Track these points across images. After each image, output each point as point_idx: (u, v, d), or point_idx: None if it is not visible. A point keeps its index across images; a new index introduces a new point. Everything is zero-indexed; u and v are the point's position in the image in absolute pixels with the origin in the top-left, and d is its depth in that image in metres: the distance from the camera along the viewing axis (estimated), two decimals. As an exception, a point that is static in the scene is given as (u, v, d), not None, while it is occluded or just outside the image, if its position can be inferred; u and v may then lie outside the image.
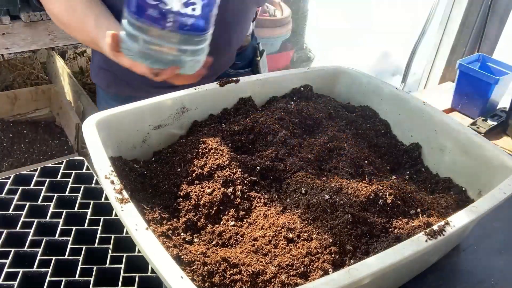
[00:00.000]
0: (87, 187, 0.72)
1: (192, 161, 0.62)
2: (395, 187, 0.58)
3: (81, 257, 0.60)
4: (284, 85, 0.80)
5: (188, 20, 0.52)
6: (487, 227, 0.71)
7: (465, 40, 1.51)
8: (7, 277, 0.57)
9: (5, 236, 0.63)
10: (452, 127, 0.69)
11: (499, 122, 1.17)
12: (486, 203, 0.53)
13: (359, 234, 0.52)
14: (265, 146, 0.68)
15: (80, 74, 2.13)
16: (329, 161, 0.68)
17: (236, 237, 0.54)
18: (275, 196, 0.59)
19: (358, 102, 0.82)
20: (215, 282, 0.46)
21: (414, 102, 0.74)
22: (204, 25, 0.54)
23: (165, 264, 0.42)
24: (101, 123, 0.60)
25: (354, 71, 0.82)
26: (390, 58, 2.77)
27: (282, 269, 0.48)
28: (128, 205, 0.48)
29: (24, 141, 1.64)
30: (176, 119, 0.69)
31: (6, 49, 1.40)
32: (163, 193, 0.59)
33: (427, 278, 0.62)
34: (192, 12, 0.52)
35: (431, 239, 0.48)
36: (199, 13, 0.53)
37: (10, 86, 1.86)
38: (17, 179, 0.73)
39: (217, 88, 0.72)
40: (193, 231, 0.55)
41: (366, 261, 0.45)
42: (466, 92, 1.24)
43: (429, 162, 0.72)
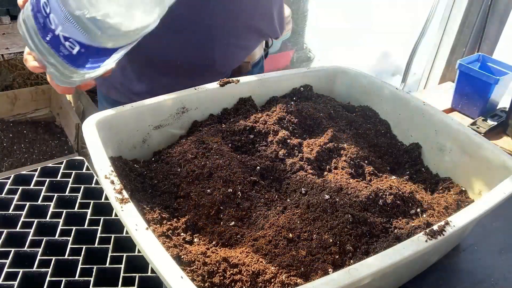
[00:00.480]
0: (87, 187, 0.72)
1: (192, 161, 0.62)
2: (395, 187, 0.58)
3: (81, 257, 0.60)
4: (284, 85, 0.80)
5: (63, 49, 0.51)
6: (487, 227, 0.71)
7: (465, 40, 1.51)
8: (7, 277, 0.57)
9: (5, 236, 0.63)
10: (452, 127, 0.69)
11: (499, 122, 1.17)
12: (486, 203, 0.53)
13: (359, 234, 0.52)
14: (265, 146, 0.68)
15: (80, 74, 2.12)
16: (329, 161, 0.68)
17: (236, 237, 0.54)
18: (275, 196, 0.59)
19: (358, 102, 0.82)
20: (215, 282, 0.46)
21: (414, 102, 0.74)
22: (75, 64, 0.53)
23: (165, 264, 0.42)
24: (101, 123, 0.60)
25: (354, 71, 0.82)
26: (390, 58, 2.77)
27: (282, 269, 0.48)
28: (128, 205, 0.48)
29: (24, 141, 1.64)
30: (176, 119, 0.69)
31: (6, 49, 1.40)
32: (163, 193, 0.59)
33: (427, 278, 0.62)
34: (67, 47, 0.51)
35: (431, 239, 0.48)
36: (74, 52, 0.51)
37: (10, 86, 1.86)
38: (17, 179, 0.73)
39: (217, 88, 0.72)
40: (193, 231, 0.55)
41: (366, 261, 0.45)
42: (466, 92, 1.24)
43: (429, 162, 0.72)
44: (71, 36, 0.51)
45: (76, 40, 0.51)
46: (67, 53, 0.53)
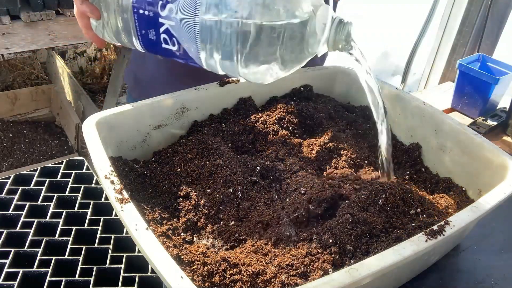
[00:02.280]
0: (87, 187, 0.72)
1: (192, 161, 0.62)
2: (395, 187, 0.58)
3: (81, 257, 0.60)
4: (284, 85, 0.80)
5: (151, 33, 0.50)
6: (487, 227, 0.71)
7: (465, 40, 1.51)
8: (7, 277, 0.57)
9: (5, 236, 0.63)
10: (452, 127, 0.69)
11: (499, 122, 1.17)
12: (486, 203, 0.53)
13: (359, 234, 0.52)
14: (265, 146, 0.68)
15: (80, 74, 2.13)
16: (329, 161, 0.68)
17: (235, 236, 0.54)
18: (275, 196, 0.59)
19: (358, 102, 0.82)
20: (215, 282, 0.46)
21: (414, 102, 0.74)
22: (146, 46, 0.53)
23: (165, 264, 0.42)
24: (101, 123, 0.60)
25: (354, 71, 0.82)
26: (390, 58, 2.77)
27: (282, 269, 0.48)
28: (128, 205, 0.48)
29: (24, 141, 1.64)
30: (176, 119, 0.69)
31: (6, 49, 1.40)
32: (163, 193, 0.59)
33: (427, 278, 0.62)
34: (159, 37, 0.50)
35: (431, 239, 0.48)
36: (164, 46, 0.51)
37: (10, 86, 1.86)
38: (17, 179, 0.73)
39: (217, 88, 0.72)
40: (193, 231, 0.55)
41: (366, 261, 0.45)
42: (466, 92, 1.24)
43: (429, 162, 0.72)
44: (178, 37, 0.48)
45: (180, 43, 0.48)
46: (150, 38, 0.51)
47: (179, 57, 0.52)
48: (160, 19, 0.49)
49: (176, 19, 0.48)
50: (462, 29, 1.50)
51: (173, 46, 0.50)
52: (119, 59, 1.79)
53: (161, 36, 0.50)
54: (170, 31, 0.49)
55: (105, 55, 2.09)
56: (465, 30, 1.49)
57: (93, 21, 0.57)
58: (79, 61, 2.13)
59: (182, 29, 0.48)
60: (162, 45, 0.51)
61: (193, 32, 0.47)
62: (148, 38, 0.51)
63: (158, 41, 0.51)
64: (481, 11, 1.44)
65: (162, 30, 0.49)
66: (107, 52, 2.08)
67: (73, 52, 2.07)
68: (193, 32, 0.47)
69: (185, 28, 0.47)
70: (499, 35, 1.45)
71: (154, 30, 0.50)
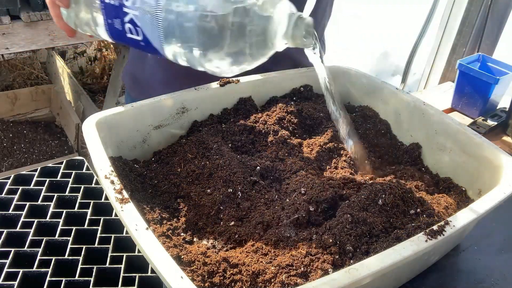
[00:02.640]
0: (87, 187, 0.72)
1: (192, 161, 0.62)
2: (395, 187, 0.58)
3: (81, 257, 0.60)
4: (284, 85, 0.80)
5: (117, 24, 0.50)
6: (487, 227, 0.71)
7: (465, 40, 1.51)
8: (7, 277, 0.57)
9: (5, 236, 0.63)
10: (452, 127, 0.69)
11: (499, 122, 1.17)
12: (486, 203, 0.53)
13: (359, 234, 0.52)
14: (265, 146, 0.68)
15: (80, 74, 2.13)
16: (329, 161, 0.68)
17: (235, 237, 0.54)
18: (275, 196, 0.59)
19: (358, 102, 0.82)
20: (215, 282, 0.46)
21: (414, 102, 0.74)
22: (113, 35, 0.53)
23: (165, 264, 0.42)
24: (101, 123, 0.60)
25: (354, 71, 0.82)
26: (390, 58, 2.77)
27: (282, 269, 0.48)
28: (128, 205, 0.48)
29: (24, 141, 1.64)
30: (176, 119, 0.69)
31: (6, 49, 1.40)
32: (163, 193, 0.59)
33: (427, 278, 0.62)
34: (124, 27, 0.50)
35: (431, 239, 0.48)
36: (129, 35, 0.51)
37: (10, 86, 1.86)
38: (17, 179, 0.73)
39: (217, 88, 0.72)
40: (193, 231, 0.55)
41: (366, 261, 0.45)
42: (466, 92, 1.24)
43: (429, 162, 0.72)
44: (142, 27, 0.49)
45: (144, 34, 0.49)
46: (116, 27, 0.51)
47: (143, 47, 0.52)
48: (124, 8, 0.49)
49: (140, 9, 0.48)
50: (462, 29, 1.50)
51: (137, 36, 0.50)
52: (119, 59, 1.79)
53: (126, 26, 0.50)
54: (134, 21, 0.49)
55: (105, 55, 2.09)
56: (465, 30, 1.49)
57: (64, 11, 0.57)
58: (79, 61, 2.13)
59: (146, 20, 0.48)
60: (127, 35, 0.51)
61: (156, 23, 0.47)
62: (114, 28, 0.51)
63: (123, 31, 0.51)
64: (481, 11, 1.44)
65: (126, 20, 0.49)
66: (107, 52, 2.08)
67: (73, 52, 2.07)
68: (156, 23, 0.47)
69: (148, 18, 0.48)
70: (499, 35, 1.45)
71: (119, 19, 0.50)
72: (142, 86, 0.87)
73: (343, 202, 0.57)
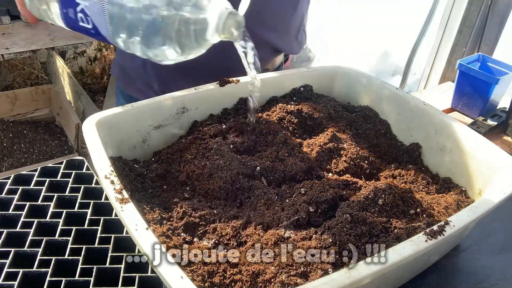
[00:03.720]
0: (87, 187, 0.72)
1: (192, 161, 0.62)
2: (395, 187, 0.58)
3: (81, 257, 0.60)
4: (284, 85, 0.80)
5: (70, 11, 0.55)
6: (487, 227, 0.71)
7: (465, 40, 1.50)
8: (7, 277, 0.57)
9: (5, 236, 0.63)
10: (452, 127, 0.69)
11: (499, 122, 1.17)
12: (486, 203, 0.53)
13: (359, 234, 0.52)
14: (265, 147, 0.68)
15: (80, 74, 2.13)
16: (329, 161, 0.68)
17: (236, 237, 0.54)
18: (275, 197, 0.59)
19: (358, 102, 0.82)
20: (215, 282, 0.46)
21: (414, 102, 0.74)
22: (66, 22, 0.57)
23: (165, 264, 0.42)
24: (101, 123, 0.60)
25: (354, 71, 0.82)
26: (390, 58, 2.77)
27: (282, 269, 0.48)
28: (128, 205, 0.48)
29: (24, 141, 1.64)
30: (176, 119, 0.69)
31: (6, 49, 1.40)
32: (163, 193, 0.59)
33: (427, 278, 0.62)
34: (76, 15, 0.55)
35: (431, 239, 0.48)
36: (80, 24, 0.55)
37: (10, 86, 1.86)
38: (17, 179, 0.73)
39: (217, 88, 0.72)
40: (193, 231, 0.55)
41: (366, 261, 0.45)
42: (466, 92, 1.24)
43: (429, 162, 0.72)
44: (91, 17, 0.53)
45: (93, 23, 0.54)
46: (70, 16, 0.55)
47: (94, 35, 0.56)
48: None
49: (89, 0, 0.53)
50: (462, 29, 1.50)
51: (87, 24, 0.55)
52: (119, 59, 1.79)
53: (78, 15, 0.55)
54: (85, 11, 0.54)
55: (105, 55, 2.09)
56: (465, 30, 1.49)
57: None
58: (79, 61, 2.13)
59: (94, 10, 0.53)
60: (79, 23, 0.56)
61: (102, 14, 0.52)
62: (69, 16, 0.56)
63: (76, 20, 0.56)
64: (481, 11, 1.44)
65: (78, 10, 0.54)
66: (107, 52, 2.08)
67: (73, 52, 2.07)
68: (103, 13, 0.52)
69: (96, 9, 0.53)
70: (499, 35, 1.44)
71: (72, 9, 0.55)
72: (130, 76, 0.87)
73: (343, 202, 0.57)
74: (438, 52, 1.60)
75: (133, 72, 0.86)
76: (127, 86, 0.89)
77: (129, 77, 0.88)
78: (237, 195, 0.59)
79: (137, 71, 0.85)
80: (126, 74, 0.88)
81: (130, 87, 0.88)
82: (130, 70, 0.86)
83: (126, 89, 0.90)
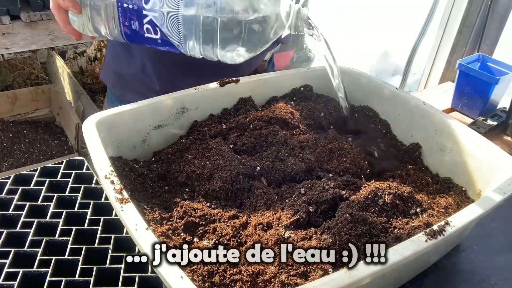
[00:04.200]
0: (87, 187, 0.72)
1: (192, 161, 0.62)
2: (394, 186, 0.58)
3: (81, 257, 0.60)
4: (284, 85, 0.80)
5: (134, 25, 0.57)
6: (487, 227, 0.71)
7: (465, 40, 1.50)
8: (7, 277, 0.57)
9: (5, 236, 0.63)
10: (452, 127, 0.69)
11: (499, 122, 1.17)
12: (486, 203, 0.53)
13: (359, 234, 0.52)
14: (265, 147, 0.68)
15: (80, 74, 2.13)
16: (329, 161, 0.68)
17: (236, 237, 0.54)
18: (275, 197, 0.59)
19: (358, 102, 0.82)
20: (215, 282, 0.46)
21: (414, 102, 0.74)
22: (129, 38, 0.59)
23: (165, 264, 0.42)
24: (101, 123, 0.60)
25: (354, 71, 0.82)
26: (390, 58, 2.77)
27: (282, 269, 0.48)
28: (128, 205, 0.48)
29: (24, 141, 1.64)
30: (176, 119, 0.69)
31: (6, 49, 1.40)
32: (163, 193, 0.59)
33: (427, 278, 0.62)
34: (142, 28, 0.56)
35: (431, 239, 0.48)
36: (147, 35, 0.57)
37: (10, 86, 1.86)
38: (17, 179, 0.73)
39: (217, 88, 0.72)
40: (193, 231, 0.55)
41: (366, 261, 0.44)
42: (466, 92, 1.24)
43: (429, 162, 0.72)
44: (161, 27, 0.55)
45: (163, 33, 0.55)
46: (133, 29, 0.57)
47: (160, 44, 0.58)
48: (144, 11, 0.55)
49: (160, 11, 0.54)
50: (462, 29, 1.50)
51: (155, 35, 0.56)
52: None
53: (144, 27, 0.56)
54: (153, 22, 0.55)
55: (105, 55, 2.09)
56: (465, 30, 1.49)
57: (72, 16, 0.61)
58: (79, 61, 2.13)
59: (166, 20, 0.54)
60: (145, 35, 0.57)
61: (176, 23, 0.54)
62: (131, 29, 0.57)
63: (141, 31, 0.57)
64: (481, 11, 1.44)
65: (145, 21, 0.55)
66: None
67: (73, 52, 2.07)
68: (176, 22, 0.54)
69: (168, 19, 0.54)
70: (499, 35, 1.44)
71: (137, 21, 0.56)
72: (128, 81, 0.86)
73: (343, 202, 0.57)
74: (438, 52, 1.60)
75: (132, 77, 0.85)
76: (124, 92, 0.88)
77: (126, 82, 0.86)
78: (237, 195, 0.59)
79: (136, 75, 0.84)
80: (123, 80, 0.87)
81: (128, 93, 0.87)
82: (128, 75, 0.85)
83: (124, 95, 0.88)
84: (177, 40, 0.55)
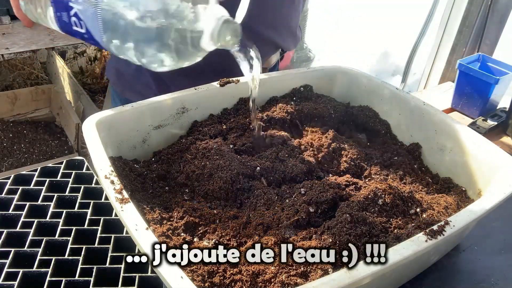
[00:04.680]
0: (87, 187, 0.72)
1: (192, 161, 0.62)
2: (395, 187, 0.58)
3: (81, 257, 0.60)
4: (284, 85, 0.80)
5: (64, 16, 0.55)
6: (487, 227, 0.71)
7: (465, 40, 1.51)
8: (7, 277, 0.57)
9: (5, 236, 0.63)
10: (452, 127, 0.69)
11: (499, 122, 1.17)
12: (486, 203, 0.53)
13: (359, 234, 0.52)
14: (265, 147, 0.68)
15: (80, 74, 2.13)
16: (330, 162, 0.68)
17: (236, 237, 0.54)
18: (275, 197, 0.59)
19: (358, 102, 0.82)
20: (215, 282, 0.46)
21: (414, 102, 0.74)
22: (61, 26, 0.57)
23: (165, 264, 0.42)
24: (101, 123, 0.60)
25: (354, 71, 0.82)
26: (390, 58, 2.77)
27: (282, 269, 0.48)
28: (128, 205, 0.48)
29: (24, 141, 1.64)
30: (176, 119, 0.69)
31: (6, 49, 1.40)
32: (163, 193, 0.59)
33: (427, 278, 0.62)
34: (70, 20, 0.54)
35: (431, 239, 0.48)
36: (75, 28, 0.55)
37: (10, 86, 1.86)
38: (17, 179, 0.73)
39: (217, 88, 0.72)
40: (193, 231, 0.55)
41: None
42: (466, 92, 1.24)
43: (429, 162, 0.72)
44: (85, 21, 0.53)
45: (87, 27, 0.53)
46: (64, 20, 0.55)
47: (87, 39, 0.55)
48: (70, 3, 0.53)
49: (83, 5, 0.52)
50: (462, 29, 1.50)
51: (81, 28, 0.54)
52: (119, 59, 1.78)
53: (72, 19, 0.54)
54: (78, 15, 0.53)
55: (105, 55, 2.09)
56: (465, 30, 1.49)
57: (21, 2, 0.61)
58: (79, 61, 2.13)
59: (88, 14, 0.52)
60: (73, 27, 0.55)
61: (95, 19, 0.52)
62: (62, 20, 0.56)
63: (70, 23, 0.55)
64: (481, 11, 1.44)
65: (72, 13, 0.54)
66: (107, 52, 2.08)
67: (73, 52, 2.07)
68: (96, 18, 0.51)
69: (90, 14, 0.52)
70: (499, 35, 1.45)
71: (66, 13, 0.55)
72: (127, 80, 0.87)
73: (343, 202, 0.57)
74: (438, 52, 1.60)
75: (130, 75, 0.85)
76: (124, 91, 0.88)
77: (126, 81, 0.87)
78: (237, 195, 0.59)
79: (134, 74, 0.84)
80: (123, 78, 0.87)
81: (128, 91, 0.87)
82: (127, 74, 0.86)
83: (124, 93, 0.88)
84: (99, 37, 0.53)
